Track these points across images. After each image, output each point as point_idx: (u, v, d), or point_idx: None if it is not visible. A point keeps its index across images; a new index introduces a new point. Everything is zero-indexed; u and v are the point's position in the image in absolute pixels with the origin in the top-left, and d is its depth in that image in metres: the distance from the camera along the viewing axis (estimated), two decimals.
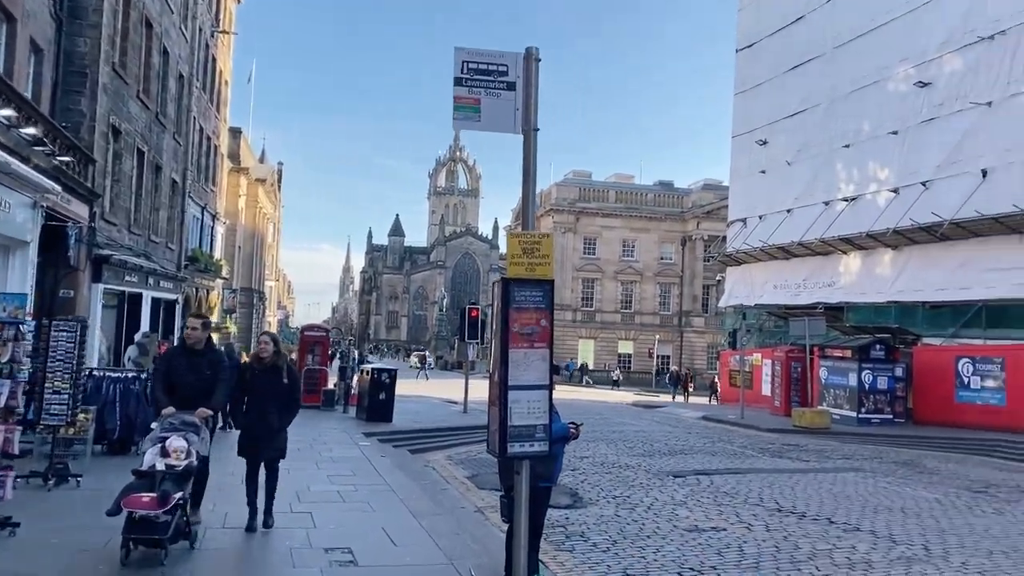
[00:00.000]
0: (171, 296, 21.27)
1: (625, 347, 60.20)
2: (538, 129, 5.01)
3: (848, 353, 23.95)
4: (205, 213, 25.98)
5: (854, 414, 23.28)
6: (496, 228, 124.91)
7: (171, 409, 6.58)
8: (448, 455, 15.39)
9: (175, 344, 16.39)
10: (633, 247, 60.43)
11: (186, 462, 6.26)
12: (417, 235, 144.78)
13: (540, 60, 5.12)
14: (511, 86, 5.02)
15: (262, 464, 7.25)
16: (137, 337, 17.09)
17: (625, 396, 41.99)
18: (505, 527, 5.40)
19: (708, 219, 58.99)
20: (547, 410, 4.45)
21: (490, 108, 4.97)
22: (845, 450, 18.07)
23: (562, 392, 39.86)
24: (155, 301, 19.55)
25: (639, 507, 10.35)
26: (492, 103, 4.98)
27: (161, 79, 19.65)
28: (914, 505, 11.05)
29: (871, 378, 23.18)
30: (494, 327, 4.71)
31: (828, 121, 29.13)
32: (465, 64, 4.97)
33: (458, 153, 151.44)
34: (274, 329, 78.08)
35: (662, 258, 60.97)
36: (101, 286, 14.67)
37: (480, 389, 37.63)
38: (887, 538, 8.79)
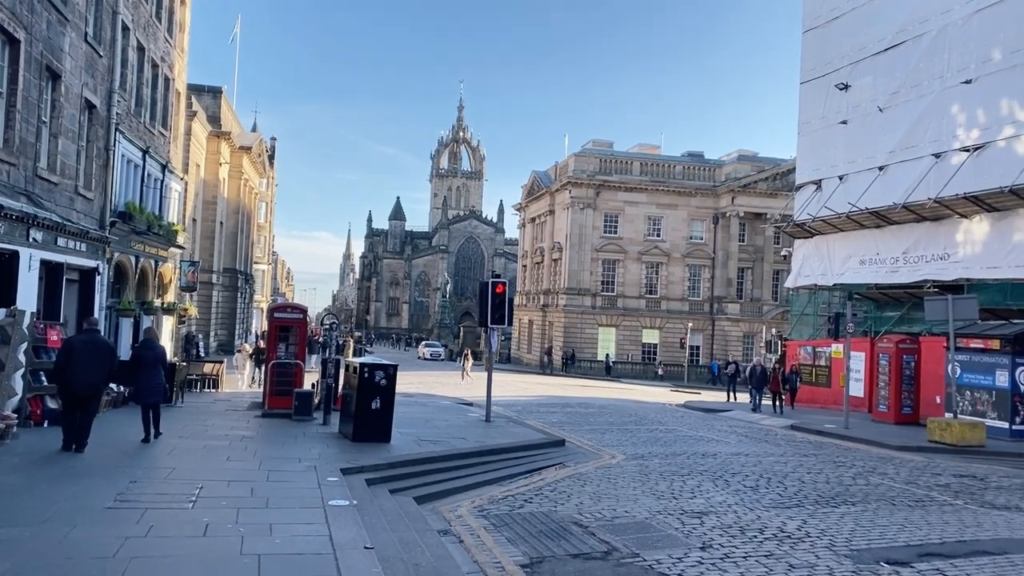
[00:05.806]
0: (86, 262, 15.34)
1: (650, 336, 54.07)
2: None
3: (994, 344, 18.10)
4: (149, 160, 19.90)
5: (1005, 425, 17.59)
6: (501, 211, 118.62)
7: None
8: (477, 505, 9.74)
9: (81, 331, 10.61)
10: (659, 225, 54.16)
11: None
12: (419, 221, 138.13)
13: None
14: None
15: None
16: None
17: (662, 393, 36.10)
18: None
19: (744, 193, 52.88)
20: None
21: None
22: None
23: (592, 390, 34.21)
24: (51, 266, 13.69)
25: None
26: None
27: None
28: None
29: None
30: None
31: (938, 53, 23.05)
32: None
33: (461, 133, 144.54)
34: (263, 317, 71.60)
35: (691, 237, 54.59)
36: None
37: (502, 386, 31.02)
38: None
